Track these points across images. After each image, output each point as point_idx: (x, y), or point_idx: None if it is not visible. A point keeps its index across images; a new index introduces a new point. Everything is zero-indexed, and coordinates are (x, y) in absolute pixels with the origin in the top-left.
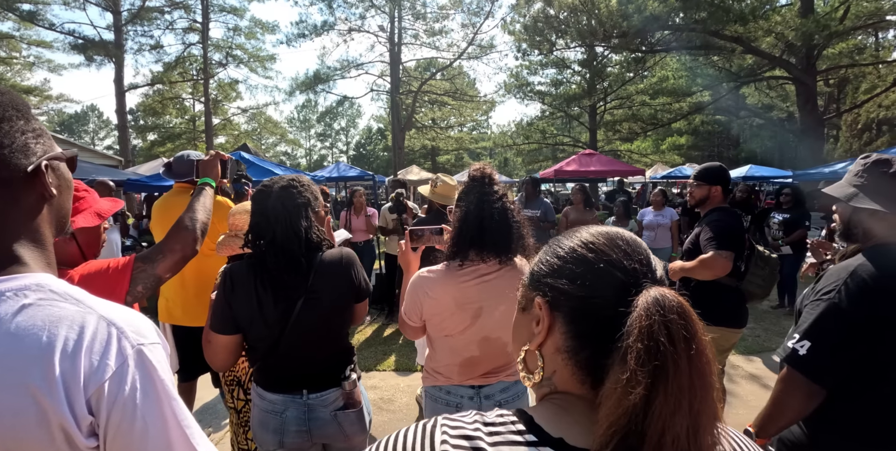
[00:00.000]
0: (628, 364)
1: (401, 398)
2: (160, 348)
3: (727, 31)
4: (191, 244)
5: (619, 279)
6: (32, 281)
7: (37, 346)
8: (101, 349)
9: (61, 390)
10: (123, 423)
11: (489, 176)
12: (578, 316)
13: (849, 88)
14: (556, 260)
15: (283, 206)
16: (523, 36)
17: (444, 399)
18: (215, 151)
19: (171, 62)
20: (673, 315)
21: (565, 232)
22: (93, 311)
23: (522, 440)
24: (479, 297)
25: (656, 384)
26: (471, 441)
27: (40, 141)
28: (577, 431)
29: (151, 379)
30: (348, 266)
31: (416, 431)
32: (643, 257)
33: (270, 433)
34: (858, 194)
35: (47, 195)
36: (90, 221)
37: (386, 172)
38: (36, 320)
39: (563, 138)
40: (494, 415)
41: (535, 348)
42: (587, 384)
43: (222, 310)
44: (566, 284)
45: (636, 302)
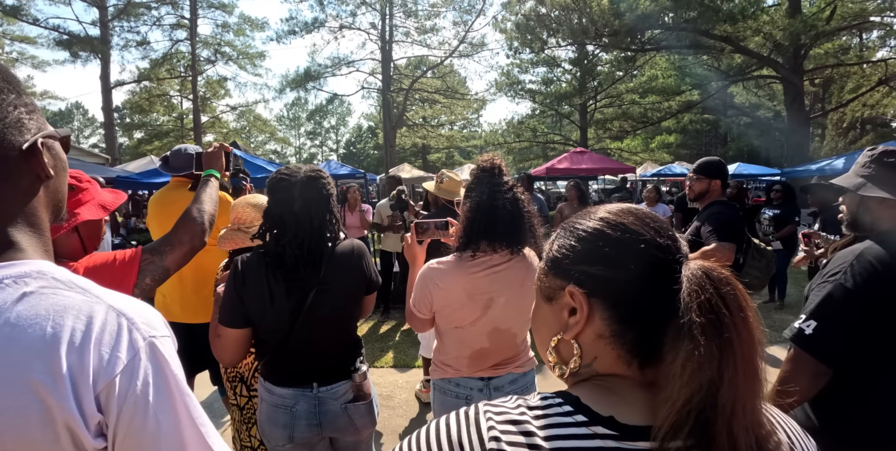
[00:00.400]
0: (697, 340)
1: (400, 394)
2: (171, 342)
3: (716, 30)
4: (199, 236)
5: (658, 258)
6: (33, 268)
7: (41, 338)
8: (111, 341)
9: (68, 385)
10: (135, 421)
11: (499, 167)
12: (621, 300)
13: (834, 88)
14: (585, 244)
15: (310, 198)
16: (515, 34)
17: (453, 392)
18: (220, 143)
19: (158, 59)
20: (727, 287)
21: (579, 214)
22: (101, 300)
23: (572, 420)
24: (490, 288)
25: (726, 356)
26: (518, 426)
27: (33, 117)
28: (625, 409)
29: (164, 374)
30: (360, 257)
31: (458, 420)
32: (671, 231)
33: (280, 428)
34: (866, 184)
35: (43, 176)
36: (95, 213)
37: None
38: (39, 310)
39: (554, 137)
40: (537, 399)
41: (572, 337)
42: (634, 365)
43: (232, 303)
44: (604, 269)
45: (683, 278)
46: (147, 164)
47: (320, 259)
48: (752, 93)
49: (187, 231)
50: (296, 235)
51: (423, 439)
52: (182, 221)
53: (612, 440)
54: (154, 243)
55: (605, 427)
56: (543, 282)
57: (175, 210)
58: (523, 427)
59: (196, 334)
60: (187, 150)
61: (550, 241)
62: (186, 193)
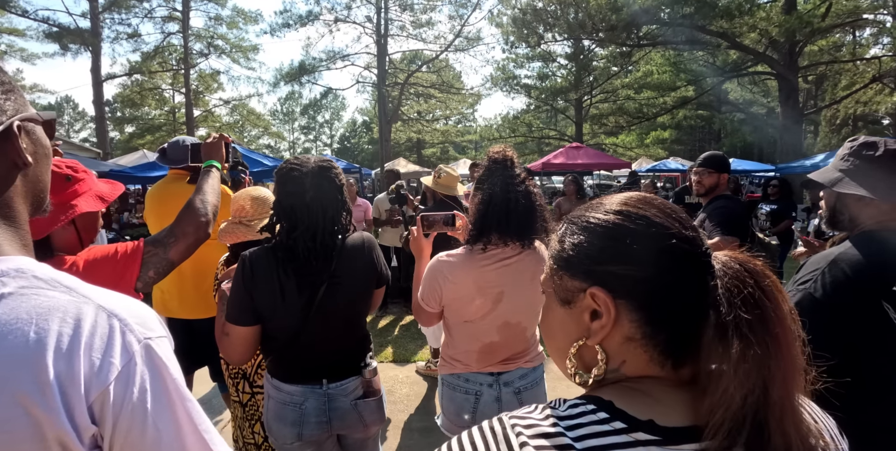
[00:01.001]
0: (747, 338)
1: (400, 388)
2: (167, 343)
3: (713, 26)
4: (204, 227)
5: (688, 251)
6: (10, 265)
7: (23, 344)
8: (102, 346)
9: (57, 396)
10: (133, 432)
11: (511, 158)
12: (652, 300)
13: (828, 85)
14: (606, 241)
15: (322, 188)
16: (511, 29)
17: (462, 387)
18: (220, 134)
19: (149, 52)
20: (766, 279)
21: (589, 206)
22: (89, 300)
23: (610, 428)
24: (501, 281)
25: (776, 353)
26: (552, 439)
27: (10, 98)
28: (663, 411)
29: (162, 379)
30: (371, 250)
31: (484, 436)
32: (690, 221)
33: (288, 426)
34: (843, 179)
35: (20, 163)
36: (93, 204)
37: (371, 165)
38: (20, 313)
39: (549, 132)
40: (567, 407)
41: (597, 343)
42: (667, 366)
43: (241, 299)
44: (631, 268)
45: (718, 272)
46: (140, 158)
47: (332, 252)
48: (746, 89)
49: (191, 222)
50: (308, 227)
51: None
52: (185, 213)
53: (656, 445)
54: (157, 235)
55: (646, 432)
56: (557, 284)
57: (173, 203)
58: (558, 441)
59: (195, 330)
60: (185, 141)
61: (558, 237)
62: (185, 185)
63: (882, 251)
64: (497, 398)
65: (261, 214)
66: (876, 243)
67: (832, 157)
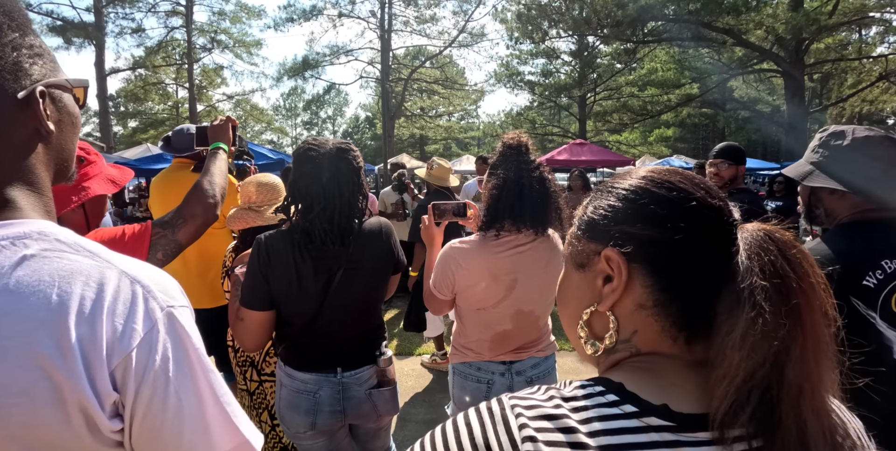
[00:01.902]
0: (760, 307)
1: (406, 381)
2: (189, 313)
3: (719, 22)
4: (212, 208)
5: (710, 218)
6: (33, 228)
7: (45, 306)
8: (125, 311)
9: (79, 360)
10: (154, 400)
11: (525, 144)
12: (667, 265)
13: (834, 83)
14: (625, 204)
15: (340, 170)
16: (515, 24)
17: (474, 376)
18: (227, 116)
19: (153, 46)
20: (792, 249)
21: (616, 176)
22: (112, 265)
23: (619, 411)
24: (514, 268)
25: (794, 326)
26: (555, 421)
27: (38, 62)
28: (677, 395)
29: (185, 348)
30: (388, 235)
31: (481, 418)
32: (722, 194)
33: (302, 415)
34: (813, 172)
35: (43, 131)
36: (105, 188)
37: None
38: (42, 275)
39: (553, 129)
40: (573, 388)
41: (608, 308)
42: (680, 340)
43: (256, 284)
44: (647, 228)
45: (741, 240)
46: (143, 152)
47: (349, 235)
48: (751, 87)
49: (199, 203)
50: (324, 208)
51: (440, 441)
52: (193, 194)
53: (669, 432)
54: (165, 217)
55: (659, 418)
56: (575, 247)
57: (178, 192)
58: (561, 423)
59: (201, 320)
60: (189, 129)
61: (584, 204)
62: (189, 174)
63: (850, 246)
64: (509, 387)
65: (269, 200)
66: (845, 237)
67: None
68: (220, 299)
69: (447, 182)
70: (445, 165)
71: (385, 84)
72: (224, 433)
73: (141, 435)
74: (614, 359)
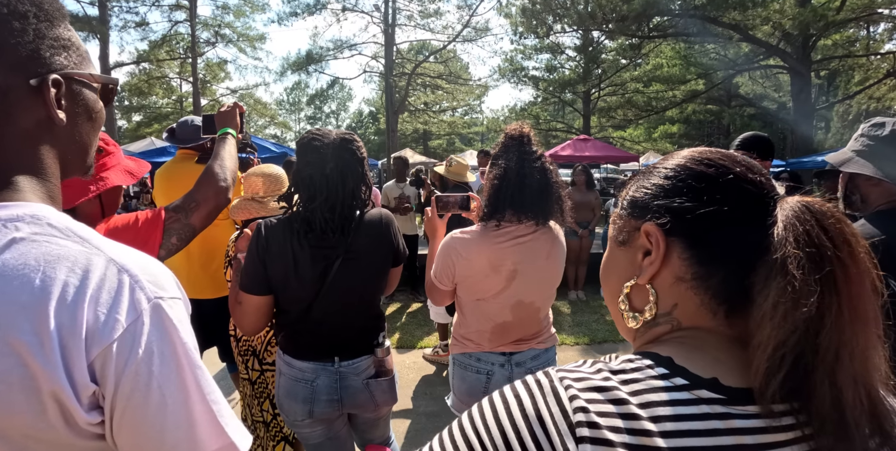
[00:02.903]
0: (791, 275)
1: (407, 374)
2: (181, 305)
3: (725, 17)
4: (224, 192)
5: (750, 192)
6: (27, 211)
7: (28, 291)
8: (109, 300)
9: (56, 348)
10: (136, 395)
11: (528, 135)
12: (705, 237)
13: (840, 80)
14: (665, 181)
15: (343, 160)
16: (520, 19)
17: (474, 367)
18: (234, 102)
19: (157, 40)
20: (830, 219)
21: (661, 158)
22: (100, 252)
23: (670, 384)
24: (515, 259)
25: (828, 293)
26: (605, 393)
27: (61, 54)
28: (722, 369)
29: (171, 341)
30: (388, 226)
31: (530, 390)
32: (764, 171)
33: (300, 402)
34: (852, 159)
35: (55, 121)
36: (123, 179)
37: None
38: (28, 259)
39: (557, 124)
40: (620, 361)
41: (647, 281)
42: (720, 313)
43: (254, 269)
44: (684, 202)
45: (779, 212)
46: (147, 145)
47: (349, 225)
48: (757, 83)
49: (211, 187)
50: (326, 198)
51: (490, 414)
52: (205, 178)
53: (720, 404)
54: (177, 202)
55: (710, 390)
56: (617, 225)
57: (182, 182)
58: (612, 395)
59: (204, 311)
60: (194, 121)
61: (627, 186)
62: (193, 165)
63: (890, 229)
64: (509, 378)
65: (273, 191)
66: (882, 221)
67: None
68: (222, 289)
69: (465, 178)
70: (463, 162)
71: (389, 79)
72: (210, 433)
73: (121, 430)
74: (655, 333)
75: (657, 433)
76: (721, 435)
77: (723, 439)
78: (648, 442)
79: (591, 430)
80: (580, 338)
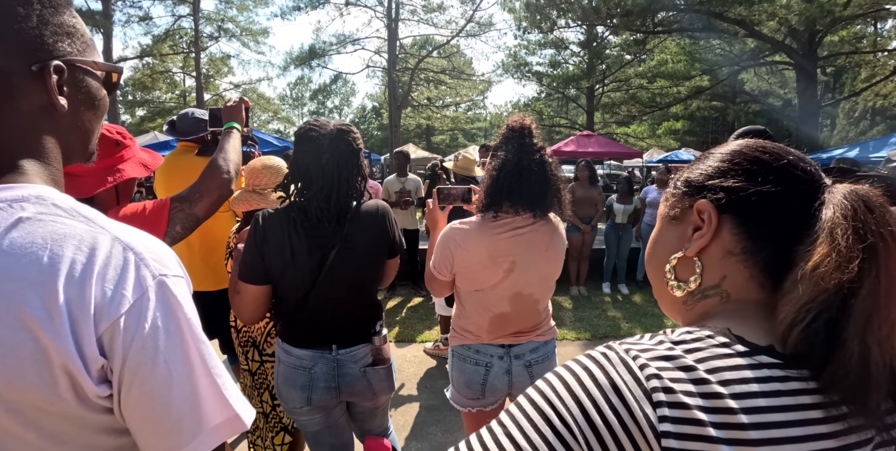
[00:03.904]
0: (837, 242)
1: (408, 367)
2: (184, 283)
3: (731, 13)
4: (227, 184)
5: (801, 177)
6: (31, 192)
7: (36, 268)
8: (115, 277)
9: (66, 323)
10: (142, 368)
11: (528, 127)
12: (755, 214)
13: (847, 77)
14: (722, 163)
15: (339, 150)
16: (523, 14)
17: (472, 358)
18: (240, 97)
19: (160, 35)
20: (876, 202)
21: (715, 147)
22: (105, 231)
23: (732, 351)
24: (513, 250)
25: (869, 261)
26: (674, 361)
27: (65, 40)
28: (776, 339)
29: (176, 317)
30: (384, 217)
31: (599, 362)
32: (814, 163)
33: (298, 389)
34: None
35: (57, 107)
36: (139, 171)
37: (380, 151)
38: (35, 238)
39: (560, 120)
40: (679, 334)
41: (695, 253)
42: (767, 287)
43: (252, 259)
44: (741, 181)
45: (827, 195)
46: (151, 139)
47: (345, 215)
48: (763, 80)
49: (215, 179)
50: (322, 187)
51: (562, 387)
52: (209, 170)
53: (778, 369)
54: (183, 192)
55: (769, 356)
56: (670, 203)
57: (182, 175)
58: (680, 363)
59: (204, 302)
60: (194, 113)
61: (683, 169)
62: (193, 157)
63: None
64: (507, 370)
65: (274, 182)
66: None
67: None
68: (223, 281)
69: (472, 172)
70: (471, 156)
71: (392, 74)
72: (215, 406)
73: (129, 403)
74: (705, 306)
75: (728, 396)
76: (783, 396)
77: (785, 400)
78: (721, 404)
79: (667, 395)
80: (581, 333)
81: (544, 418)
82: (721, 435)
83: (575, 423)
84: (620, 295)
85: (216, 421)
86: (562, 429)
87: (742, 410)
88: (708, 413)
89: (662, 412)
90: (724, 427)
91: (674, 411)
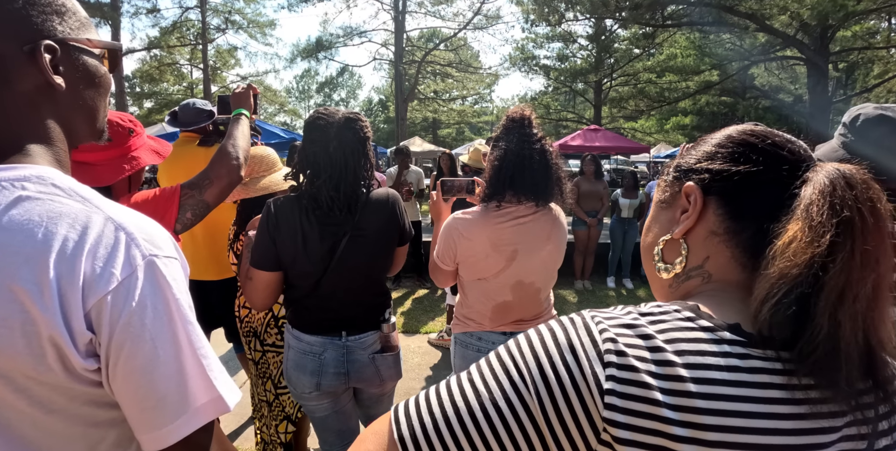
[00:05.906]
0: (811, 217)
1: (412, 358)
2: (177, 265)
3: (742, 6)
4: (236, 170)
5: (786, 158)
6: (33, 172)
7: (30, 243)
8: (105, 255)
9: (55, 296)
10: (128, 345)
11: (529, 118)
12: (738, 195)
13: (859, 73)
14: (710, 148)
15: (346, 139)
16: (531, 6)
17: (475, 345)
18: (248, 84)
19: (168, 27)
20: (858, 180)
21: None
22: (100, 211)
23: (695, 325)
24: (515, 239)
25: (843, 236)
26: (634, 329)
27: (55, 19)
28: (745, 317)
29: (164, 297)
30: (394, 205)
31: (563, 325)
32: (804, 145)
33: (308, 375)
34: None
35: (54, 86)
36: (153, 158)
37: (387, 144)
38: (32, 215)
39: (567, 114)
40: (649, 307)
41: (681, 235)
42: (748, 268)
43: (265, 245)
44: (725, 163)
45: (810, 174)
46: (158, 131)
47: (355, 203)
48: (773, 75)
49: (224, 165)
50: (330, 175)
51: (525, 344)
52: (218, 157)
53: (740, 346)
54: (193, 179)
55: (732, 333)
56: (662, 189)
57: (184, 165)
58: (640, 331)
59: (208, 291)
60: (195, 104)
61: (676, 156)
62: (195, 148)
63: None
64: None
65: (257, 172)
66: None
67: None
68: (226, 271)
69: (481, 165)
70: (483, 149)
71: (398, 66)
72: (199, 386)
73: (116, 378)
74: (687, 287)
75: (681, 365)
76: (740, 372)
77: (741, 375)
78: (672, 372)
79: (619, 357)
80: None
81: (504, 370)
82: (667, 400)
83: (530, 376)
84: (625, 289)
85: (200, 401)
86: (517, 380)
87: (692, 379)
88: (657, 379)
89: (611, 372)
90: (672, 394)
91: (622, 372)
